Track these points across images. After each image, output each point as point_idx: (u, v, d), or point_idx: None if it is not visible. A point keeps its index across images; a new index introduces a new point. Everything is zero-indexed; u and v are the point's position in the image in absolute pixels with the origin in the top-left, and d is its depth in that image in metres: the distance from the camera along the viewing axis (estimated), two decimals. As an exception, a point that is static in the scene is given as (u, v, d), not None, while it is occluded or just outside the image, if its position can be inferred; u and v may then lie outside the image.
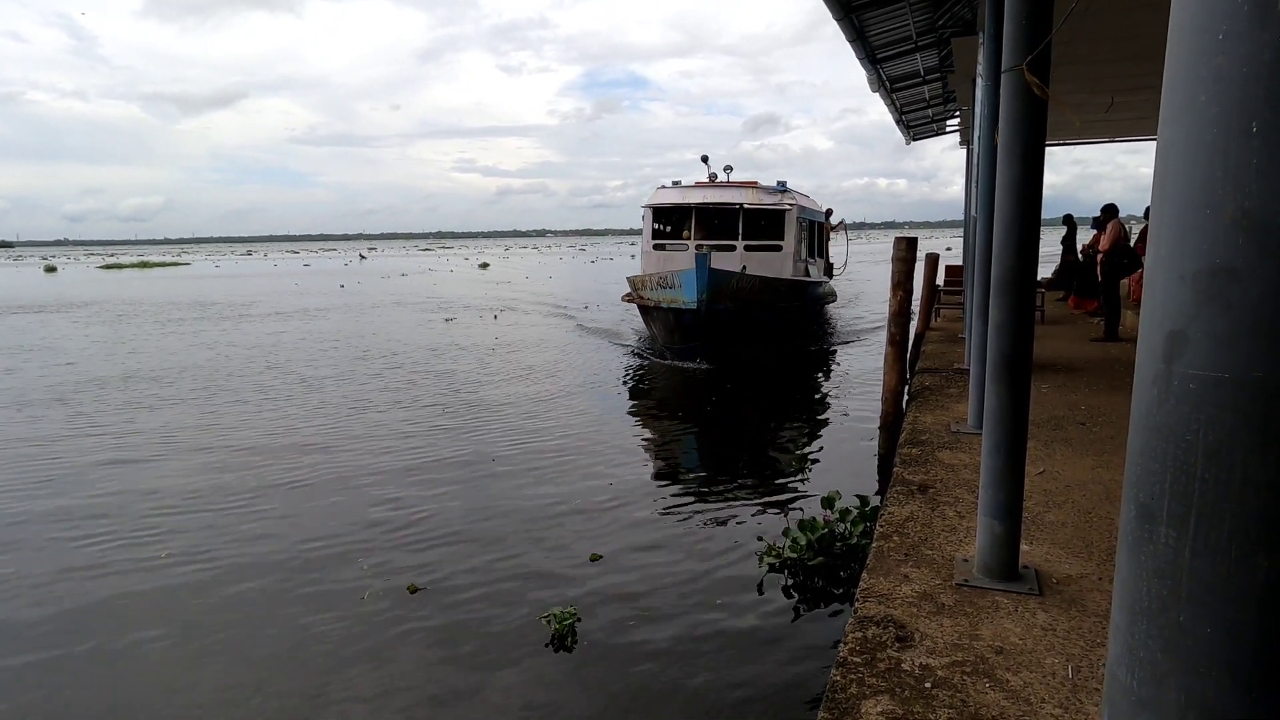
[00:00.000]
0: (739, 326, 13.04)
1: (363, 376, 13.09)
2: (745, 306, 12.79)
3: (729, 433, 9.34)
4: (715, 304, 12.17)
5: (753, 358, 13.83)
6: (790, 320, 15.13)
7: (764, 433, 9.40)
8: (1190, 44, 0.78)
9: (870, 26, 8.24)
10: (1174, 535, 0.82)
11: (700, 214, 16.15)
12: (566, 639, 4.46)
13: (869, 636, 3.08)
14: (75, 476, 7.74)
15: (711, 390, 11.74)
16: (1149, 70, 8.88)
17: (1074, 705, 2.60)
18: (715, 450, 8.67)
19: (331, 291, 34.59)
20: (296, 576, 5.43)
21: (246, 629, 4.74)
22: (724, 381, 12.24)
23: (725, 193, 16.10)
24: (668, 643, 4.45)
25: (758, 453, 8.59)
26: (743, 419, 10.09)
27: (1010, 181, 3.35)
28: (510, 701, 3.96)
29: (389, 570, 5.51)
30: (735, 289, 12.54)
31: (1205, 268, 0.79)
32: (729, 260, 14.85)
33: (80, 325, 22.25)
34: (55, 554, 5.83)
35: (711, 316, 12.34)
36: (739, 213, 15.67)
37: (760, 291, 13.17)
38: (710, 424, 9.73)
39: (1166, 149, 0.85)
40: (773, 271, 14.92)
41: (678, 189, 16.63)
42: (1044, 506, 4.40)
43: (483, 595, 5.14)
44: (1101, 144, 16.31)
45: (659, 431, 9.44)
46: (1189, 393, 0.81)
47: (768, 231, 15.90)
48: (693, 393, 11.72)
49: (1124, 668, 0.88)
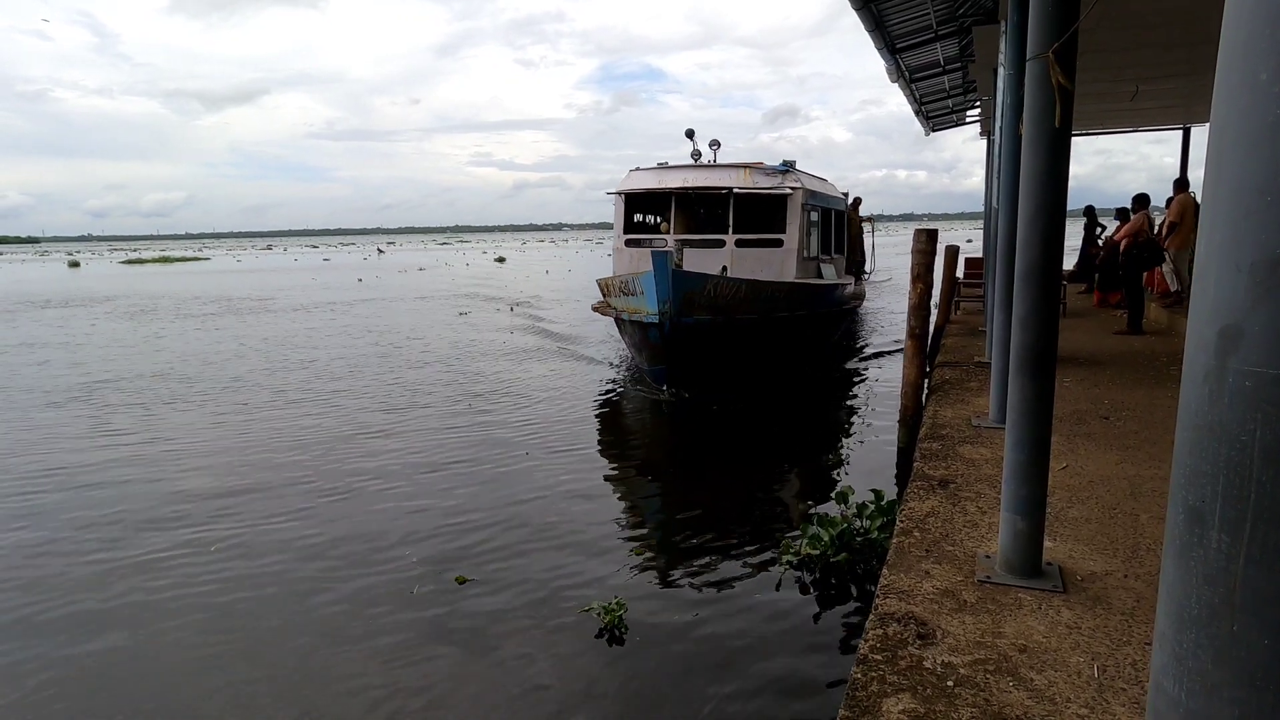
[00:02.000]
0: (720, 345, 10.16)
1: (381, 369, 13.14)
2: (728, 319, 9.96)
3: (736, 433, 9.28)
4: (684, 316, 9.43)
5: (745, 387, 10.86)
6: (797, 335, 11.99)
7: (777, 432, 9.34)
8: (1252, 19, 0.73)
9: (889, 16, 8.13)
10: (1227, 540, 0.78)
11: (681, 201, 12.92)
12: (617, 630, 4.48)
13: (890, 634, 3.04)
14: (108, 471, 7.82)
15: (681, 430, 9.38)
16: (1175, 59, 8.71)
17: (1100, 705, 2.55)
18: (727, 451, 8.62)
19: (350, 286, 34.79)
20: (343, 571, 5.42)
21: (299, 624, 4.73)
22: (702, 418, 9.70)
23: (712, 174, 12.83)
24: (696, 642, 4.43)
25: (772, 451, 8.53)
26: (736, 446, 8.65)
27: (1035, 172, 3.28)
28: (573, 691, 3.97)
29: (434, 561, 5.51)
30: (712, 297, 9.73)
31: (1265, 258, 0.74)
32: (715, 259, 12.09)
33: (110, 320, 22.51)
34: (107, 549, 5.84)
35: (680, 334, 9.51)
36: (728, 198, 12.48)
37: (749, 300, 10.27)
38: (701, 444, 8.97)
39: (1221, 131, 0.80)
40: (771, 272, 12.07)
41: (654, 171, 13.37)
42: (1067, 502, 4.33)
43: (529, 586, 5.14)
44: (1125, 134, 16.05)
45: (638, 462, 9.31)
46: (1244, 390, 0.77)
47: (765, 222, 12.68)
48: (663, 430, 9.52)
49: (1170, 678, 0.83)
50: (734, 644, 4.39)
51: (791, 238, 12.40)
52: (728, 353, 10.36)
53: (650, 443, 9.00)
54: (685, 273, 9.56)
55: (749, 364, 10.99)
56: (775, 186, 12.42)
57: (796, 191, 12.37)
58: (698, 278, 9.68)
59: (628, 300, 10.28)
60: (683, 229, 12.90)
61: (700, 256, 11.88)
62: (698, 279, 9.66)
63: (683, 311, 9.40)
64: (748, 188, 12.44)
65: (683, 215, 13.02)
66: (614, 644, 4.42)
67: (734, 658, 4.25)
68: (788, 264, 12.35)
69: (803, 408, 10.57)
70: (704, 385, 10.27)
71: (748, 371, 10.96)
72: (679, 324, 9.42)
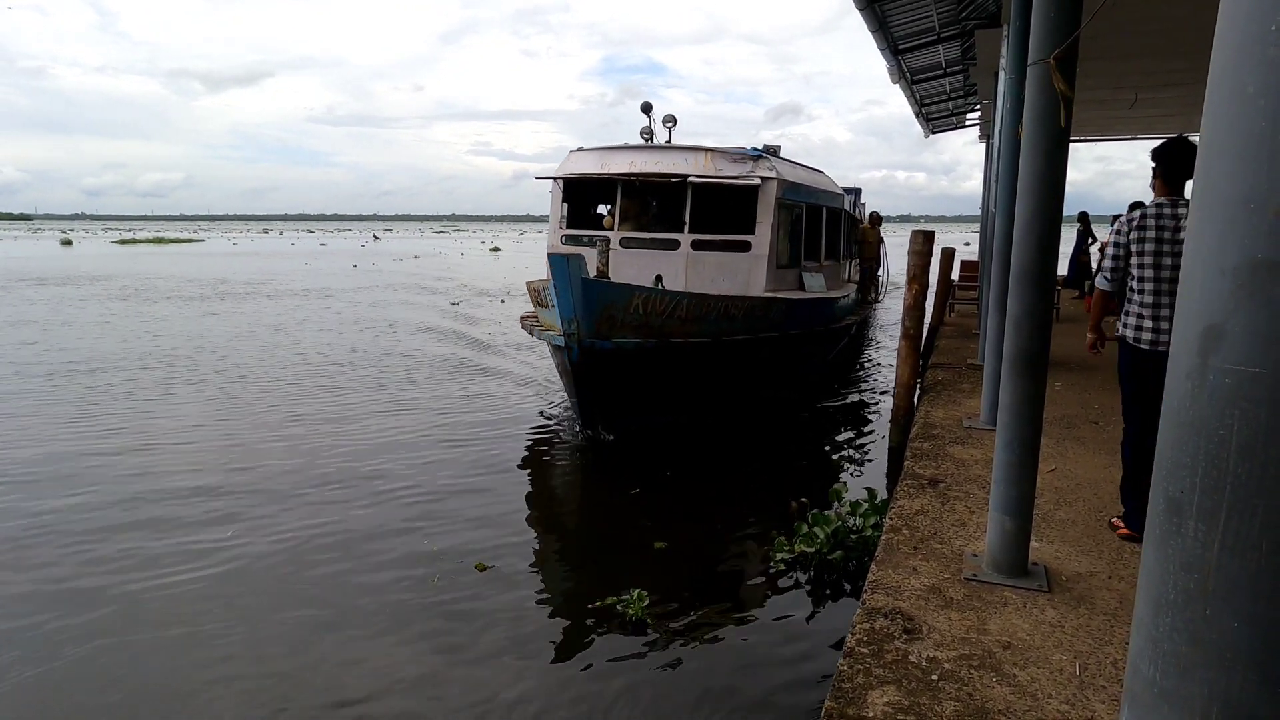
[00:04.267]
0: (654, 376, 7.98)
1: (383, 357, 13.16)
2: (663, 343, 7.75)
3: (733, 428, 9.32)
4: (601, 338, 7.33)
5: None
6: (766, 361, 9.52)
7: (770, 430, 9.38)
8: (1240, 33, 0.77)
9: (892, 17, 8.17)
10: (1203, 529, 0.82)
11: (629, 190, 10.23)
12: (642, 621, 4.51)
13: (877, 628, 3.09)
14: (117, 461, 7.76)
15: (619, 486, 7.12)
16: (1176, 67, 8.77)
17: (1080, 702, 2.61)
18: (722, 446, 8.66)
19: (344, 272, 34.72)
20: (366, 560, 5.40)
21: (324, 613, 4.70)
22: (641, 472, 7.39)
23: (665, 158, 9.99)
24: (696, 638, 4.48)
25: (765, 448, 8.58)
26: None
27: (1032, 176, 3.33)
28: (608, 683, 4.00)
29: (455, 552, 5.50)
30: (641, 314, 7.54)
31: (1246, 261, 0.79)
32: (667, 264, 9.61)
33: (102, 303, 22.40)
34: (127, 534, 5.80)
35: (594, 360, 7.41)
36: (684, 188, 9.76)
37: (692, 318, 7.96)
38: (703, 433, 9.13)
39: (1210, 140, 0.84)
40: (736, 283, 9.58)
41: (597, 152, 10.64)
42: (1054, 504, 4.39)
43: (550, 575, 5.16)
44: (1124, 140, 16.14)
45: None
46: (1224, 387, 0.81)
47: (730, 219, 9.93)
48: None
49: (1147, 660, 0.88)
50: (732, 640, 4.42)
51: (762, 239, 9.68)
52: (665, 385, 8.19)
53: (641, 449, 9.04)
54: (602, 283, 7.44)
55: (696, 398, 8.75)
56: (742, 175, 9.66)
57: (770, 182, 9.64)
58: (620, 290, 7.48)
59: (546, 314, 8.16)
60: (633, 224, 10.35)
61: (649, 261, 9.64)
62: (620, 291, 7.45)
63: (599, 332, 7.28)
64: (707, 176, 9.66)
65: (633, 208, 10.46)
66: (634, 633, 4.45)
67: (731, 652, 4.29)
68: (756, 272, 9.69)
69: (786, 425, 9.37)
70: (636, 425, 8.08)
71: (695, 407, 8.78)
72: (592, 349, 7.31)
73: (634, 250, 9.90)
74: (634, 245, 9.97)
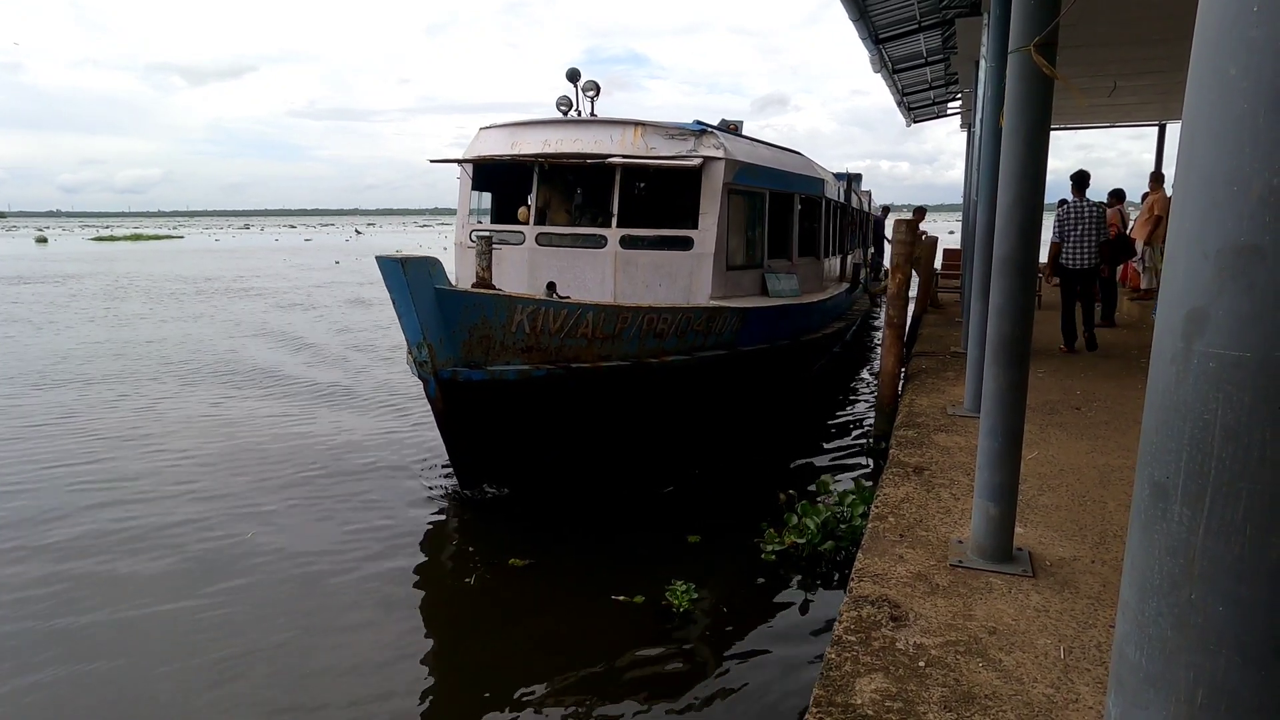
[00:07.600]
0: (553, 417, 6.42)
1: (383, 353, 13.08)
2: (563, 371, 6.15)
3: (721, 424, 9.31)
4: (470, 367, 5.73)
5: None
6: (714, 385, 7.86)
7: (755, 420, 9.38)
8: (1222, 16, 0.77)
9: (873, 6, 8.17)
10: (1188, 513, 0.82)
11: (546, 175, 8.28)
12: (688, 612, 4.51)
13: (864, 616, 3.11)
14: (125, 460, 7.69)
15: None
16: (1154, 55, 8.84)
17: (1065, 685, 2.63)
18: (707, 441, 8.66)
19: (328, 268, 34.43)
20: (395, 559, 5.36)
21: (367, 611, 4.68)
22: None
23: (585, 134, 8.04)
24: (693, 633, 4.48)
25: (751, 440, 8.59)
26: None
27: (1014, 164, 3.34)
28: (656, 677, 4.02)
29: (487, 548, 5.46)
30: (528, 334, 5.92)
31: (1230, 245, 0.78)
32: (592, 266, 7.94)
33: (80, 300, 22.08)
34: (143, 538, 5.70)
35: (464, 396, 5.78)
36: (613, 172, 7.84)
37: (601, 337, 6.35)
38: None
39: (1193, 123, 0.84)
40: (676, 289, 7.82)
41: (507, 129, 8.48)
42: (1038, 490, 4.43)
43: (585, 570, 5.15)
44: (1104, 129, 16.28)
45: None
46: (1208, 371, 0.81)
47: (667, 210, 8.23)
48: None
49: (1133, 644, 0.88)
50: (727, 633, 4.43)
51: (706, 234, 7.76)
52: (569, 425, 6.59)
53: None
54: (465, 293, 5.69)
55: (616, 439, 7.11)
56: (680, 155, 7.75)
57: (715, 163, 7.71)
58: (495, 302, 5.70)
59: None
60: (559, 216, 8.62)
61: (572, 263, 7.96)
62: (496, 304, 5.70)
63: (467, 358, 5.69)
64: (636, 156, 7.74)
65: (555, 197, 8.64)
66: (635, 624, 4.46)
67: (727, 645, 4.30)
68: (699, 275, 7.80)
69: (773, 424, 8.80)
70: (531, 478, 6.41)
71: (617, 448, 7.15)
72: (455, 381, 5.68)
73: (552, 249, 8.08)
74: (552, 243, 8.12)
